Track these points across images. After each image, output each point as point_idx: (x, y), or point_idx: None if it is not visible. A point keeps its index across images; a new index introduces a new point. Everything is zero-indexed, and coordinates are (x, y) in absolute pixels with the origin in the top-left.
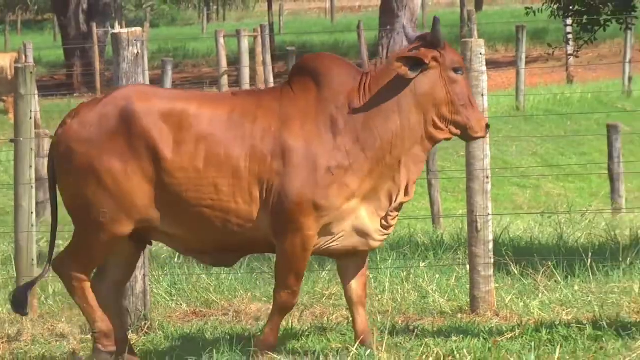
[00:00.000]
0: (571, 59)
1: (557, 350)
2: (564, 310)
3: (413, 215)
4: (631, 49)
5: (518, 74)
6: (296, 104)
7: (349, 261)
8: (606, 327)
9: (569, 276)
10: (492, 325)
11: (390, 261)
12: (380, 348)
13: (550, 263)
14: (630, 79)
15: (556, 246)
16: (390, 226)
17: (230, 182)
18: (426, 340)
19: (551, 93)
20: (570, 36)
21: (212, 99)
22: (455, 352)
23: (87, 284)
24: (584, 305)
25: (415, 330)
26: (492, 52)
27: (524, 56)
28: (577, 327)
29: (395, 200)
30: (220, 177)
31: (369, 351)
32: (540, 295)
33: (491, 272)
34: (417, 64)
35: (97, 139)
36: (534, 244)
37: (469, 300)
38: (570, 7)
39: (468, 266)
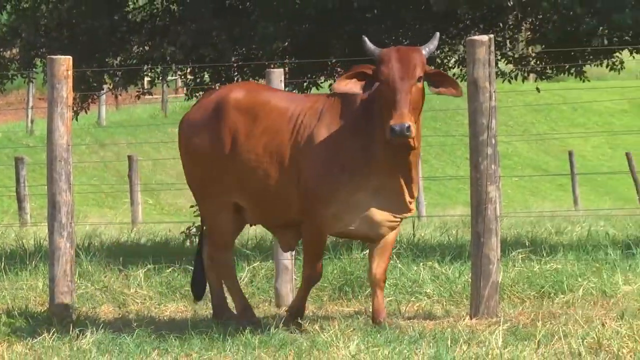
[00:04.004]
0: None
1: None
2: None
3: None
4: (33, 97)
5: None
6: (330, 109)
7: (374, 247)
8: (17, 315)
9: None
10: None
11: None
12: None
13: None
14: (32, 121)
15: None
16: (400, 219)
17: (278, 168)
18: None
19: None
20: None
21: (288, 97)
22: None
23: (231, 267)
24: None
25: None
26: None
27: None
28: None
29: (405, 197)
30: (272, 162)
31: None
32: None
33: None
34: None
35: (199, 122)
36: None
37: None
38: None
39: None
